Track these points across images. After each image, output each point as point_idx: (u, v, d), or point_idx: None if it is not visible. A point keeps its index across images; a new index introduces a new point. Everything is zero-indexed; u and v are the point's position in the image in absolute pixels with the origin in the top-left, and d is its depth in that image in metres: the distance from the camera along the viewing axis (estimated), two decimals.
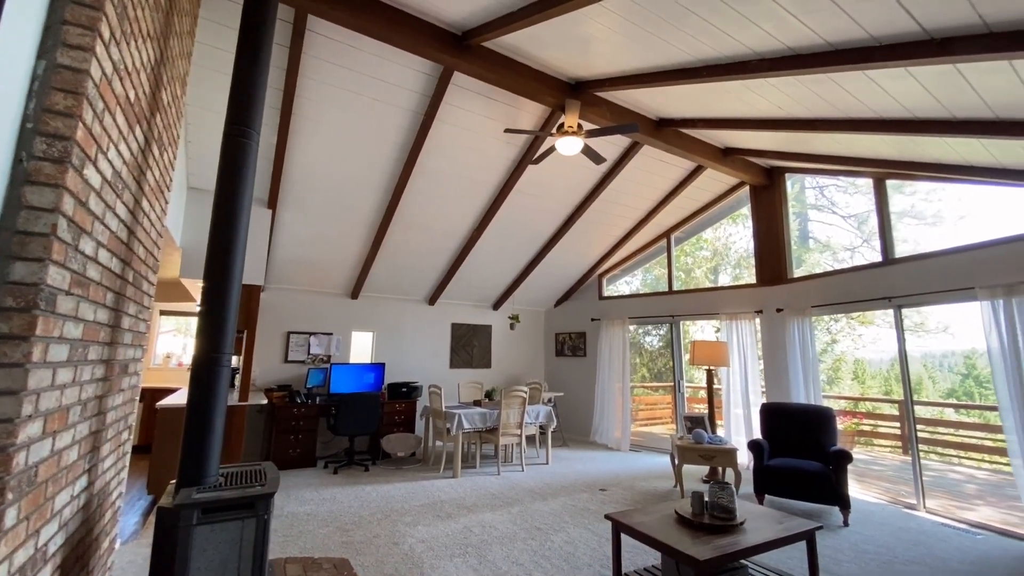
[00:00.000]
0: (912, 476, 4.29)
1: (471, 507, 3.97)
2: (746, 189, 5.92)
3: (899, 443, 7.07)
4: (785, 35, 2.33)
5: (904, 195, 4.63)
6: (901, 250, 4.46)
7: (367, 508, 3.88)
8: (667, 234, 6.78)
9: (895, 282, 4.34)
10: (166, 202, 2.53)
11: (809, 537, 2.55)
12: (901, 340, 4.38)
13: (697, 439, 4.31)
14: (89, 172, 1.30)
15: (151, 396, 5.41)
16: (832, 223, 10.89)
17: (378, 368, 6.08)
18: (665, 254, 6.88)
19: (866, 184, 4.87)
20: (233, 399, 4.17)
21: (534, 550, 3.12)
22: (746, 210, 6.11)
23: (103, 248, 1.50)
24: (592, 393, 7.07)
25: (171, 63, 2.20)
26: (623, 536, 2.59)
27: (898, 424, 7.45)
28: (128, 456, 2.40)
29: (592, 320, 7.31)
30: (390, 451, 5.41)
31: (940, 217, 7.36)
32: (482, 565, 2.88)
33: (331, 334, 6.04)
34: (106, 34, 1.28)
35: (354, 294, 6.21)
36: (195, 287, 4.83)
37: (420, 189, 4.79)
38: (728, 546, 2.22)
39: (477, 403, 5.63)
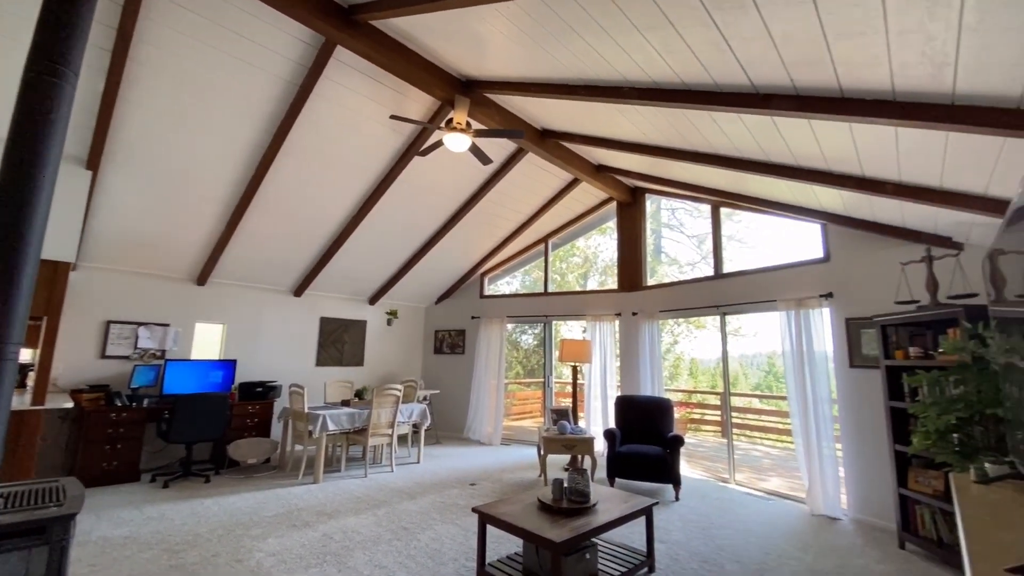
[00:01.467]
0: (727, 455, 5.17)
1: (332, 513, 3.72)
2: (614, 204, 6.54)
3: (719, 428, 8.45)
4: (652, 69, 2.64)
5: (732, 222, 5.57)
6: (728, 267, 5.34)
7: (205, 524, 3.40)
8: (545, 239, 7.18)
9: (722, 293, 5.18)
10: None
11: (648, 512, 2.91)
12: (724, 341, 5.25)
13: (561, 430, 4.63)
14: None
15: None
16: (679, 240, 12.64)
17: (228, 365, 5.36)
18: (543, 258, 7.28)
19: (706, 209, 5.73)
20: (23, 402, 3.31)
21: (399, 551, 3.05)
22: (612, 223, 6.77)
23: None
24: (468, 390, 7.15)
25: None
26: (488, 527, 2.67)
27: (719, 412, 8.90)
28: None
29: (473, 318, 7.40)
30: (239, 458, 4.81)
31: (755, 243, 9.06)
32: (341, 573, 2.72)
33: (167, 325, 5.16)
34: None
35: (201, 280, 5.40)
36: None
37: (291, 168, 4.36)
38: (582, 526, 2.42)
39: (346, 403, 5.31)
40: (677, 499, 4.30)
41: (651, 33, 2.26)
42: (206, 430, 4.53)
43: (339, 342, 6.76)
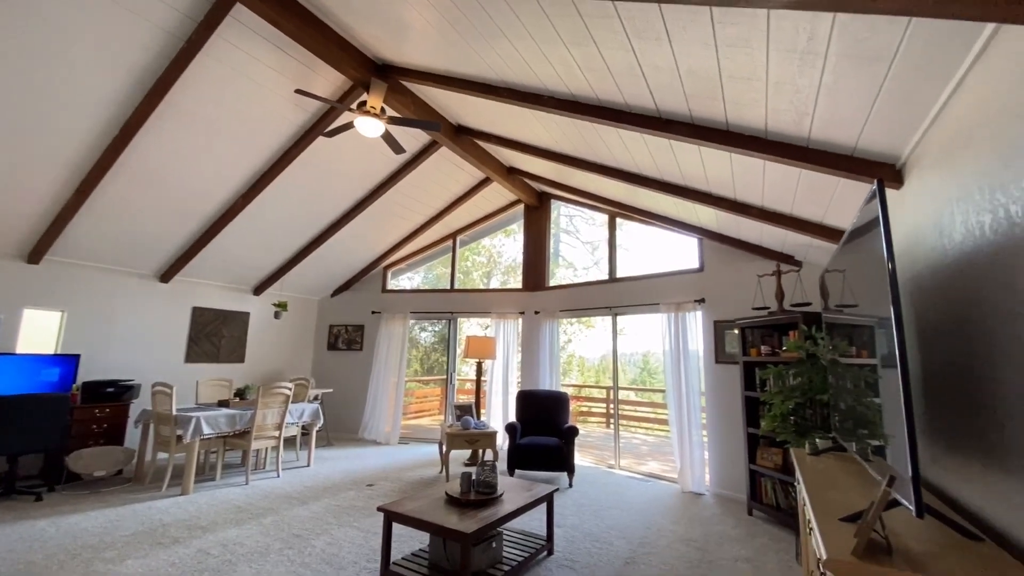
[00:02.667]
0: (613, 444, 5.65)
1: (207, 526, 3.32)
2: (521, 207, 6.76)
3: (604, 419, 9.19)
4: (572, 82, 2.80)
5: (624, 232, 6.11)
6: (620, 273, 5.84)
7: (40, 551, 2.81)
8: (454, 235, 7.15)
9: (615, 295, 5.66)
10: None
11: (549, 499, 3.08)
12: (615, 339, 5.73)
13: (465, 425, 4.68)
14: None
15: None
16: (574, 246, 13.46)
17: (67, 361, 4.48)
18: (450, 254, 7.24)
19: (600, 218, 6.20)
20: None
21: (291, 560, 2.83)
22: (518, 225, 6.99)
23: None
24: (365, 388, 6.85)
25: None
26: (394, 526, 2.61)
27: (604, 405, 9.66)
28: None
29: (373, 313, 7.08)
30: (81, 471, 4.05)
31: (642, 252, 10.04)
32: None
33: None
34: None
35: (34, 257, 4.43)
36: None
37: (167, 133, 3.78)
38: (490, 516, 2.49)
39: (224, 403, 4.75)
40: (571, 486, 4.59)
41: (576, 48, 2.40)
42: (35, 439, 3.74)
43: (215, 336, 6.02)
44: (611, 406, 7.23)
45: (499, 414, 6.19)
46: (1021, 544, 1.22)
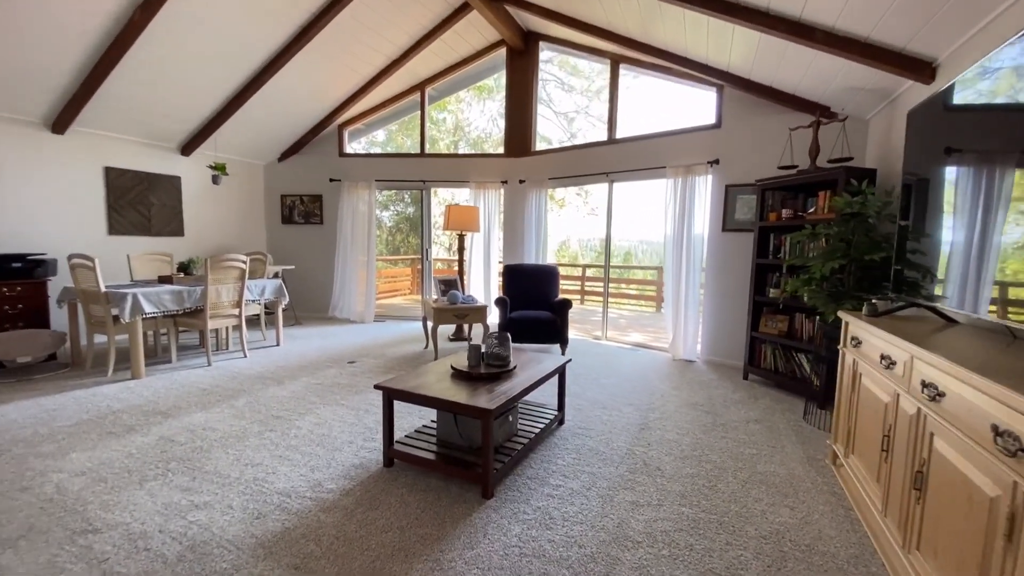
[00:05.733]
0: (601, 317, 5.51)
1: (168, 411, 2.90)
2: (503, 52, 5.65)
3: (578, 296, 9.19)
4: None
5: (627, 90, 5.22)
6: (620, 132, 5.13)
7: None
8: (421, 87, 6.02)
9: (614, 159, 5.03)
10: None
11: (561, 370, 2.82)
12: (610, 211, 5.25)
13: (452, 300, 4.28)
14: None
15: None
16: (548, 118, 12.21)
17: None
18: (419, 111, 6.18)
19: (582, 84, 5.27)
20: None
21: (275, 443, 2.49)
22: (492, 81, 5.94)
23: None
24: (330, 266, 6.23)
25: None
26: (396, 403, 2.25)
27: (579, 283, 9.61)
28: None
29: (331, 181, 6.16)
30: (1, 357, 3.43)
31: (647, 110, 9.08)
32: (197, 480, 2.09)
33: None
34: None
35: None
36: None
37: None
38: (508, 391, 2.16)
39: (166, 279, 4.05)
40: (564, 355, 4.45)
41: None
42: None
43: (143, 204, 5.04)
44: (605, 284, 7.01)
45: (479, 291, 5.84)
46: None
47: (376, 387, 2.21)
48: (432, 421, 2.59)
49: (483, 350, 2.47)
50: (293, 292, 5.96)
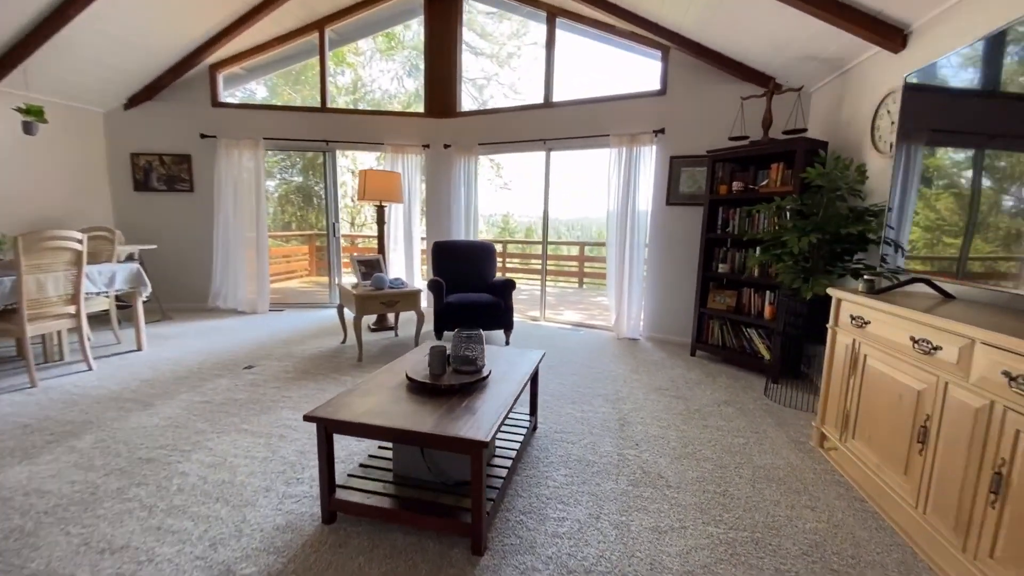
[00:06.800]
0: (539, 297, 5.17)
1: None
2: None
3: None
4: None
5: (564, 51, 4.76)
6: (557, 95, 4.69)
7: None
8: (320, 25, 4.96)
9: (550, 125, 4.61)
10: None
11: (536, 365, 2.38)
12: (547, 182, 4.85)
13: (378, 284, 3.59)
14: None
15: None
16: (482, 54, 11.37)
17: None
18: (317, 57, 5.12)
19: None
20: None
21: (147, 505, 1.72)
22: (405, 29, 5.12)
23: None
24: (208, 244, 5.03)
25: None
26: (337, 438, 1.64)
27: (516, 260, 9.22)
28: None
29: (203, 137, 4.90)
30: None
31: (587, 74, 8.48)
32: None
33: None
34: None
35: None
36: None
37: None
38: (494, 409, 1.67)
39: None
40: (508, 343, 4.03)
41: None
42: None
43: None
44: (543, 261, 6.64)
45: (402, 272, 5.14)
46: None
47: (307, 418, 1.57)
48: (381, 447, 2.00)
49: (448, 352, 1.93)
50: (157, 279, 4.70)
